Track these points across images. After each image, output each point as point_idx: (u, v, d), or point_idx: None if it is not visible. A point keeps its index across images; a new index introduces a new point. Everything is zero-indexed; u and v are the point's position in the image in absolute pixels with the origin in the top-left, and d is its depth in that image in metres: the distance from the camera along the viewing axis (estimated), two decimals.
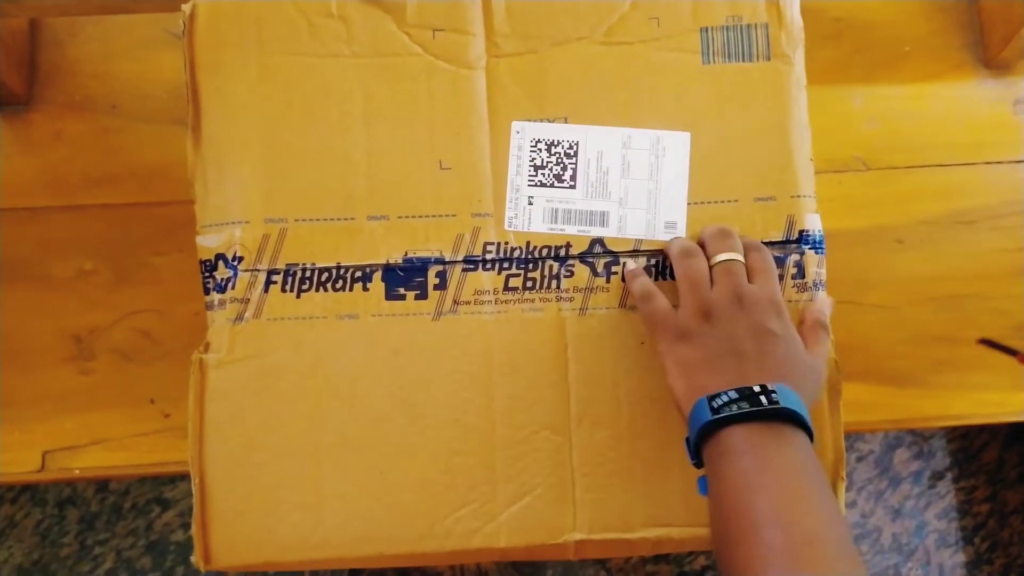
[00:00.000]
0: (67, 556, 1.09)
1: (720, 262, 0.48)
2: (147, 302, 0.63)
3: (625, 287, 0.50)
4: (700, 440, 0.44)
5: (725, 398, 0.43)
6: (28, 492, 1.11)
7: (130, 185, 0.66)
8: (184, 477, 0.57)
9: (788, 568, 0.38)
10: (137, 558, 1.10)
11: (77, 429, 0.62)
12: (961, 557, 1.16)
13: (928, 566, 1.15)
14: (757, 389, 0.43)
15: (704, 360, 0.45)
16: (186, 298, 0.62)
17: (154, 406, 0.62)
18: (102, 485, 1.10)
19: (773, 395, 0.43)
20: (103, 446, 0.61)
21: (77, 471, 0.61)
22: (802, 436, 0.43)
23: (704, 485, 0.45)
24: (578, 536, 0.49)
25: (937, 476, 1.18)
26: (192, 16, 0.50)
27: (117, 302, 0.64)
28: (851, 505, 1.17)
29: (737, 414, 0.43)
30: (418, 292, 0.50)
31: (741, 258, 0.48)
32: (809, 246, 0.51)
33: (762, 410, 0.43)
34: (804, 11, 0.53)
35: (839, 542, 0.40)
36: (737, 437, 0.43)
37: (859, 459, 1.17)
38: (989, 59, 0.68)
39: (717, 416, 0.43)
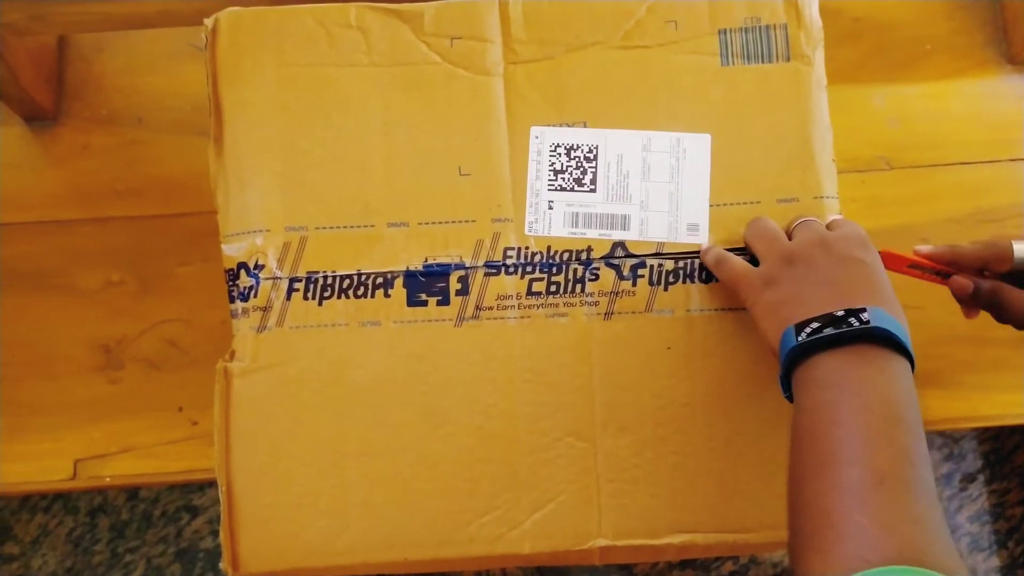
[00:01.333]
0: (99, 564, 1.11)
1: (798, 223, 0.48)
2: (173, 311, 0.64)
3: (651, 293, 0.50)
4: (789, 371, 0.42)
5: (811, 327, 0.41)
6: (60, 501, 1.12)
7: (155, 197, 0.66)
8: (213, 484, 0.58)
9: (855, 508, 0.35)
10: (167, 565, 1.11)
11: (106, 437, 0.62)
12: (995, 561, 1.15)
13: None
14: (842, 312, 0.41)
15: (791, 296, 0.44)
16: (211, 307, 0.62)
17: (182, 414, 0.62)
18: (132, 493, 1.12)
19: (863, 315, 0.40)
20: (133, 454, 0.62)
21: (108, 479, 0.62)
22: (897, 360, 0.40)
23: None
24: (603, 542, 0.49)
25: (968, 478, 1.16)
26: (214, 29, 0.51)
27: (144, 312, 0.64)
28: None
29: (823, 338, 0.40)
30: (440, 298, 0.50)
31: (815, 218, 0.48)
32: None
33: (850, 331, 0.40)
34: (823, 11, 0.53)
35: (914, 483, 0.36)
36: (824, 367, 0.40)
37: None
38: (1013, 56, 0.68)
39: (802, 342, 0.41)
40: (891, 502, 0.36)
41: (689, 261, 0.51)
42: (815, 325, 0.41)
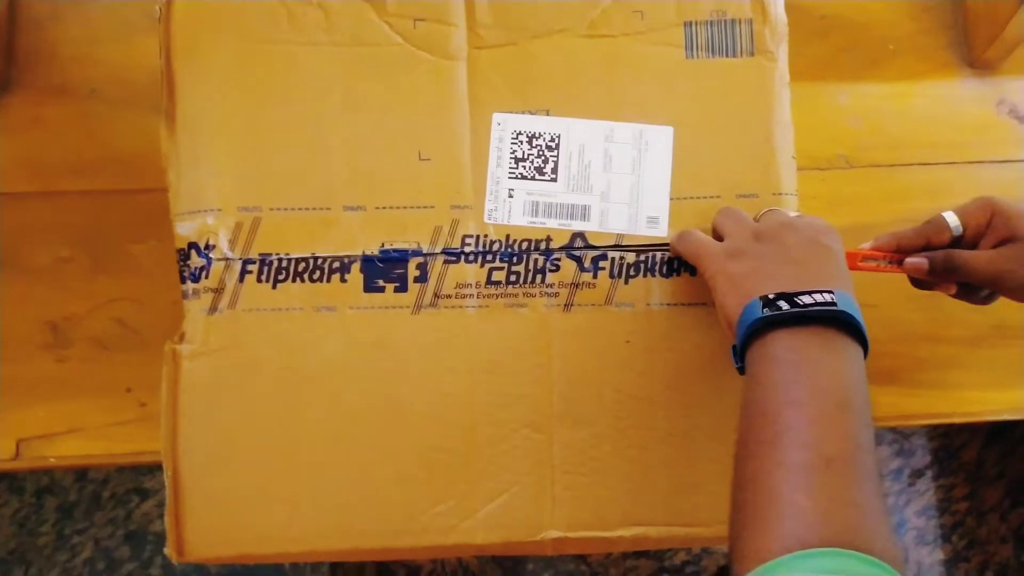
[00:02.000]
0: (44, 545, 1.09)
1: (765, 211, 0.49)
2: (125, 290, 0.63)
3: (612, 285, 0.50)
4: (746, 343, 0.42)
5: (777, 302, 0.41)
6: (6, 481, 1.10)
7: (109, 172, 0.65)
8: (162, 467, 0.57)
9: (798, 489, 0.36)
10: (115, 547, 1.09)
11: (52, 417, 0.61)
12: (939, 555, 1.17)
13: (906, 563, 1.16)
14: (809, 292, 0.41)
15: (756, 270, 0.44)
16: (164, 287, 0.61)
17: (130, 395, 0.61)
18: (81, 474, 1.10)
19: (828, 295, 0.40)
20: (79, 435, 0.61)
21: (52, 460, 0.60)
22: (854, 347, 0.41)
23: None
24: (556, 533, 0.49)
25: (917, 474, 1.18)
26: (169, 2, 0.50)
27: (94, 290, 0.63)
28: None
29: (788, 314, 0.40)
30: (398, 284, 0.49)
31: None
32: None
33: (817, 311, 0.40)
34: (790, 8, 0.53)
35: (859, 469, 0.37)
36: (783, 343, 0.40)
37: None
38: (974, 59, 0.68)
39: (766, 316, 0.40)
40: (834, 486, 0.36)
41: (651, 255, 0.51)
42: (782, 302, 0.41)
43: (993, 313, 0.65)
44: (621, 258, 0.50)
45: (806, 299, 0.41)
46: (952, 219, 0.52)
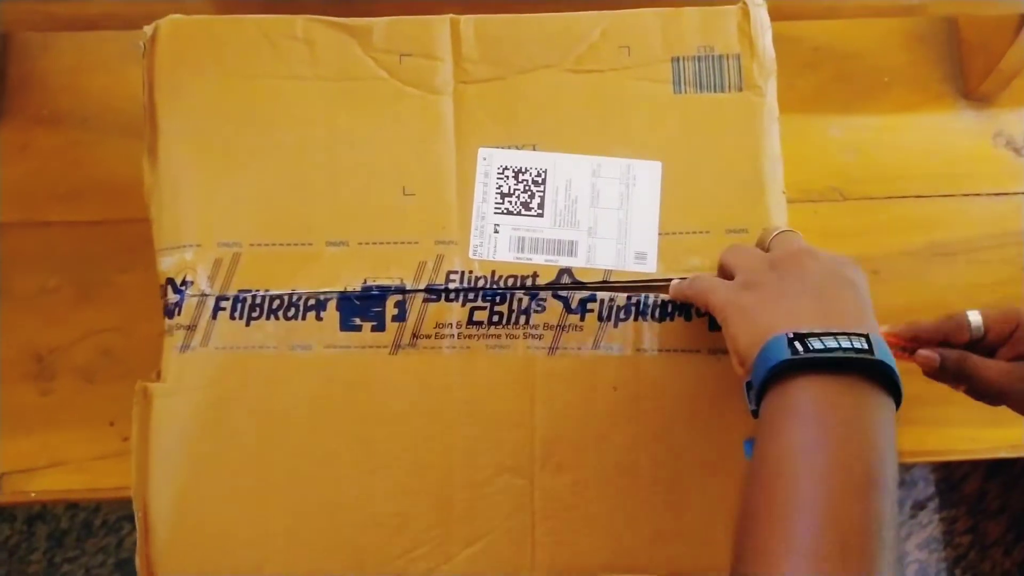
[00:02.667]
0: (35, 573, 1.08)
1: (776, 233, 0.45)
2: (110, 321, 0.62)
3: (600, 328, 0.49)
4: (764, 386, 0.37)
5: (810, 341, 0.36)
6: None
7: (97, 201, 0.65)
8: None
9: (806, 570, 0.32)
10: None
11: (35, 450, 0.60)
12: None
13: None
14: (844, 333, 0.36)
15: (774, 298, 0.39)
16: (149, 318, 0.60)
17: (113, 429, 0.60)
18: (72, 502, 1.09)
19: (862, 339, 0.35)
20: (61, 468, 0.60)
21: (33, 494, 0.60)
22: (887, 403, 0.36)
23: (751, 447, 0.37)
24: None
25: (919, 506, 1.17)
26: (154, 37, 0.49)
27: (80, 320, 0.62)
28: None
29: (823, 358, 0.35)
30: (375, 323, 0.48)
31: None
32: None
33: (856, 358, 0.35)
34: (783, 39, 0.52)
35: (877, 554, 0.33)
36: (808, 394, 0.36)
37: None
38: (969, 91, 0.68)
39: (794, 358, 0.35)
40: (847, 570, 0.32)
41: (642, 298, 0.49)
42: (812, 341, 0.36)
43: None
44: (611, 300, 0.49)
45: (840, 342, 0.36)
46: (975, 319, 0.49)
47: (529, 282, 0.50)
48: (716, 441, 0.48)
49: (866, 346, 0.36)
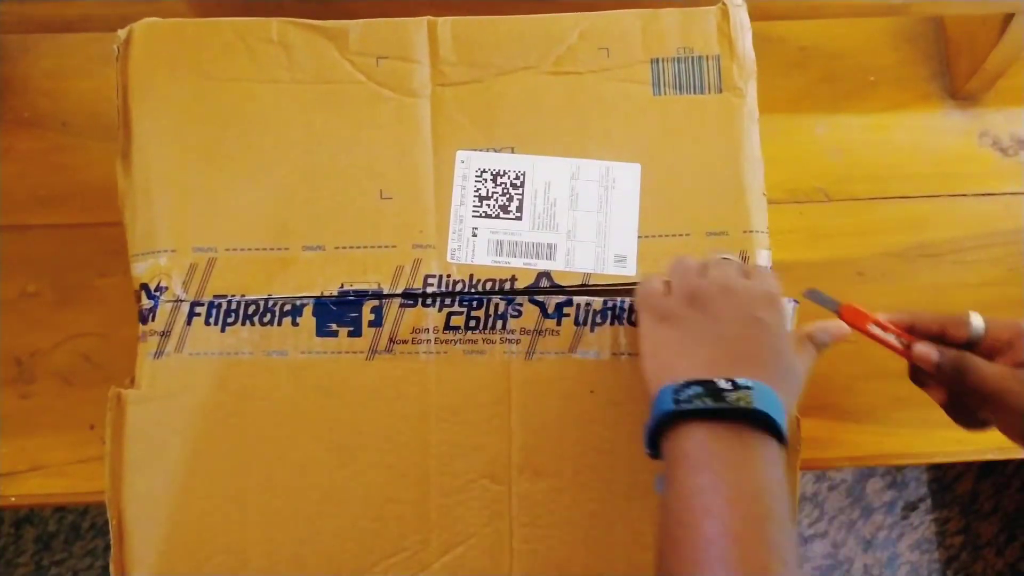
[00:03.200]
0: None
1: (717, 259, 0.47)
2: (90, 325, 0.62)
3: (576, 333, 0.49)
4: (658, 430, 0.40)
5: (690, 391, 0.39)
6: None
7: (77, 205, 0.64)
8: None
9: None
10: None
11: (15, 454, 0.60)
12: None
13: None
14: (726, 384, 0.39)
15: (680, 342, 0.43)
16: (129, 322, 0.59)
17: (93, 432, 0.60)
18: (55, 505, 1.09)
19: (745, 391, 0.39)
20: (41, 472, 0.60)
21: (14, 499, 0.59)
22: (771, 445, 0.39)
23: (662, 482, 0.41)
24: None
25: (910, 507, 1.16)
26: (128, 40, 0.49)
27: (60, 324, 0.62)
28: (822, 535, 1.15)
29: (699, 410, 0.39)
30: (352, 329, 0.48)
31: (737, 259, 0.47)
32: None
33: (729, 409, 0.39)
34: (768, 39, 0.52)
35: None
36: (696, 440, 0.39)
37: (831, 488, 1.16)
38: (955, 90, 0.67)
39: (677, 408, 0.39)
40: None
41: (618, 302, 0.49)
42: (694, 390, 0.39)
43: None
44: (588, 304, 0.49)
45: (724, 388, 0.39)
46: (977, 320, 0.48)
47: (507, 286, 0.49)
48: None
49: (749, 398, 0.39)
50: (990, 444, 0.63)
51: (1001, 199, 0.66)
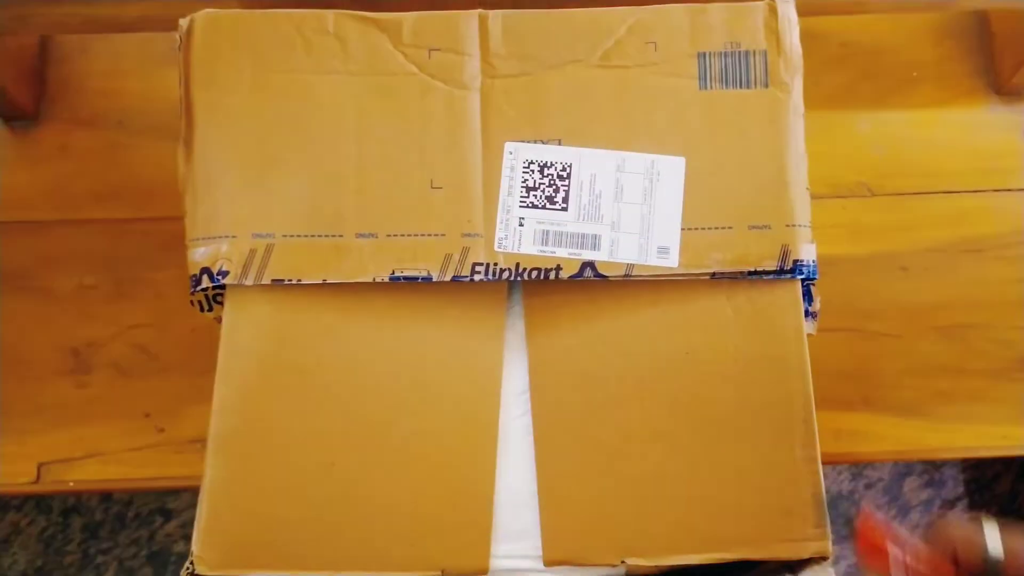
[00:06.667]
0: (70, 564, 1.10)
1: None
2: (145, 317, 0.64)
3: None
4: None
5: None
6: (33, 500, 1.11)
7: (133, 200, 0.66)
8: (187, 488, 0.57)
9: None
10: (138, 568, 1.10)
11: (73, 442, 0.62)
12: None
13: None
14: None
15: None
16: (184, 313, 0.62)
17: (148, 420, 0.62)
18: (106, 494, 1.11)
19: None
20: (98, 459, 0.62)
21: (71, 484, 0.61)
22: None
23: None
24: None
25: (948, 505, 1.15)
26: (189, 31, 0.51)
27: (116, 316, 0.64)
28: None
29: None
30: None
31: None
32: (803, 276, 0.50)
33: None
34: (811, 35, 0.52)
35: None
36: None
37: (868, 486, 1.15)
38: (1000, 85, 0.67)
39: None
40: None
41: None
42: None
43: (1018, 346, 0.63)
44: None
45: None
46: (994, 541, 0.40)
47: (552, 275, 0.50)
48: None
49: None
50: None
51: None
